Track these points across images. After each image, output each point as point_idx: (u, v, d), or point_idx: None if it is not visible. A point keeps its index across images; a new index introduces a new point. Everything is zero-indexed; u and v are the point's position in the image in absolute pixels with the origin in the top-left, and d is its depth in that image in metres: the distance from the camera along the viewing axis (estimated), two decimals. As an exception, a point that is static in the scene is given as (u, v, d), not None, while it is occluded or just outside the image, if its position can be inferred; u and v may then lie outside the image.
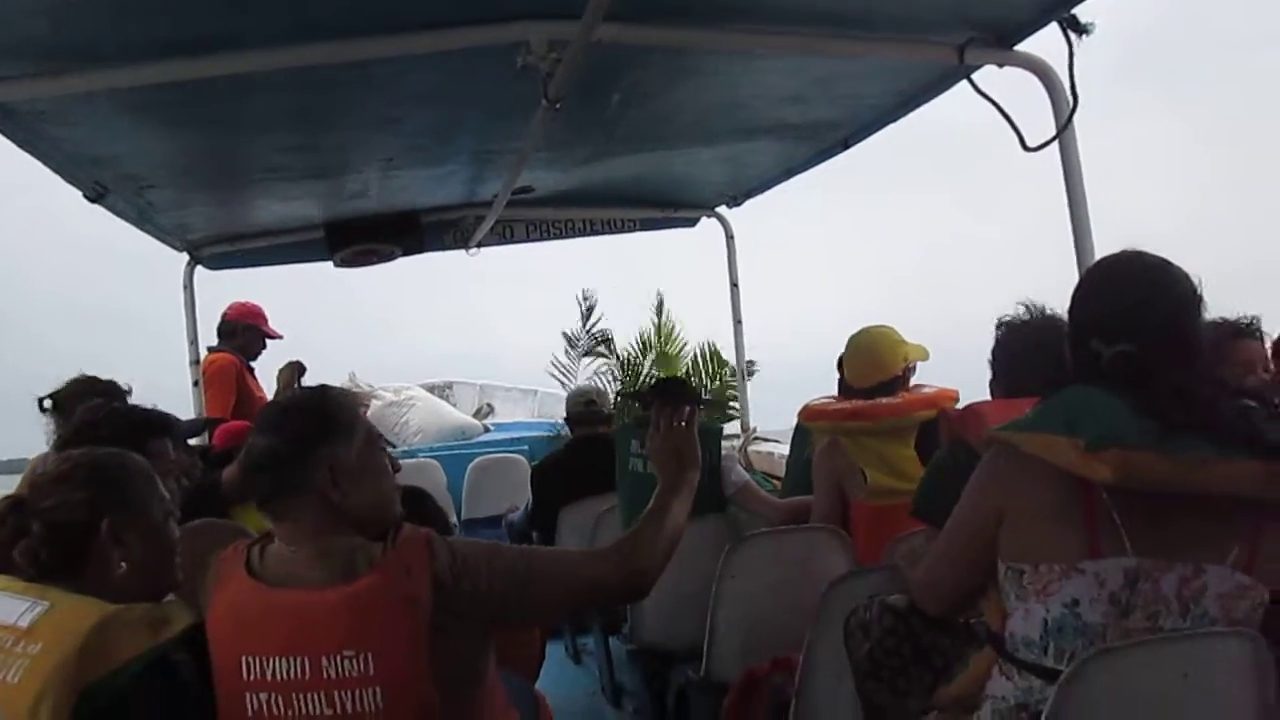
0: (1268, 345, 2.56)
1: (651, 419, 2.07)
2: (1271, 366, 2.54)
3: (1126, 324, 1.65)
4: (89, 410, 2.57)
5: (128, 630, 1.60)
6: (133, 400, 2.79)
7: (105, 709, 1.52)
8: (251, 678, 1.68)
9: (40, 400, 2.80)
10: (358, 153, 3.55)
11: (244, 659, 1.68)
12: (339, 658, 1.65)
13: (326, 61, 2.54)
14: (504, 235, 5.06)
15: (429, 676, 1.67)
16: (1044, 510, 1.62)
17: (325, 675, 1.65)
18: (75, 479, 1.76)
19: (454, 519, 5.85)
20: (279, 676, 1.67)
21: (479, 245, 5.00)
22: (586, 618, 4.20)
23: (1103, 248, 2.65)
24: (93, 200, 3.39)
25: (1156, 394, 1.54)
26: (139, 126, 3.01)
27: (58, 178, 3.21)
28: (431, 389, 8.22)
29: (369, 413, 7.15)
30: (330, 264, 4.90)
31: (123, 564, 1.74)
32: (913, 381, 3.16)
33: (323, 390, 1.95)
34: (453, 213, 4.76)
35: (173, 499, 1.90)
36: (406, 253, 4.90)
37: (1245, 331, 2.51)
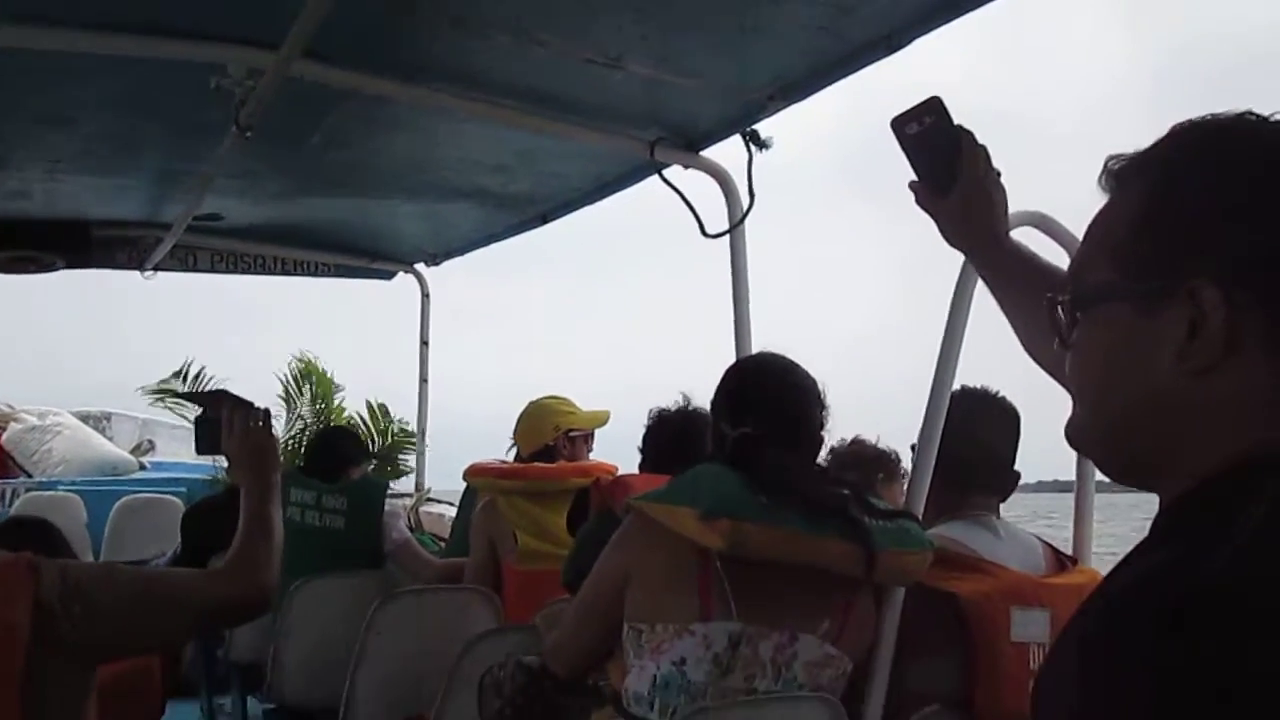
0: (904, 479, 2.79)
1: (224, 423, 2.02)
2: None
3: (749, 410, 1.83)
4: None
5: None
6: None
7: None
8: None
9: None
10: (20, 149, 3.26)
11: None
12: None
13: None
14: (186, 262, 4.76)
15: (18, 716, 1.53)
16: (666, 574, 1.73)
17: None
18: None
19: (90, 560, 5.34)
20: None
21: (156, 269, 4.69)
22: (225, 676, 3.96)
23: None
24: None
25: (765, 471, 1.71)
26: None
27: None
28: (85, 418, 7.52)
29: (5, 436, 6.50)
30: (-24, 267, 4.43)
31: None
32: (594, 453, 3.29)
33: None
34: (129, 230, 4.44)
35: None
36: (70, 266, 4.51)
37: (887, 466, 2.77)
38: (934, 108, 1.40)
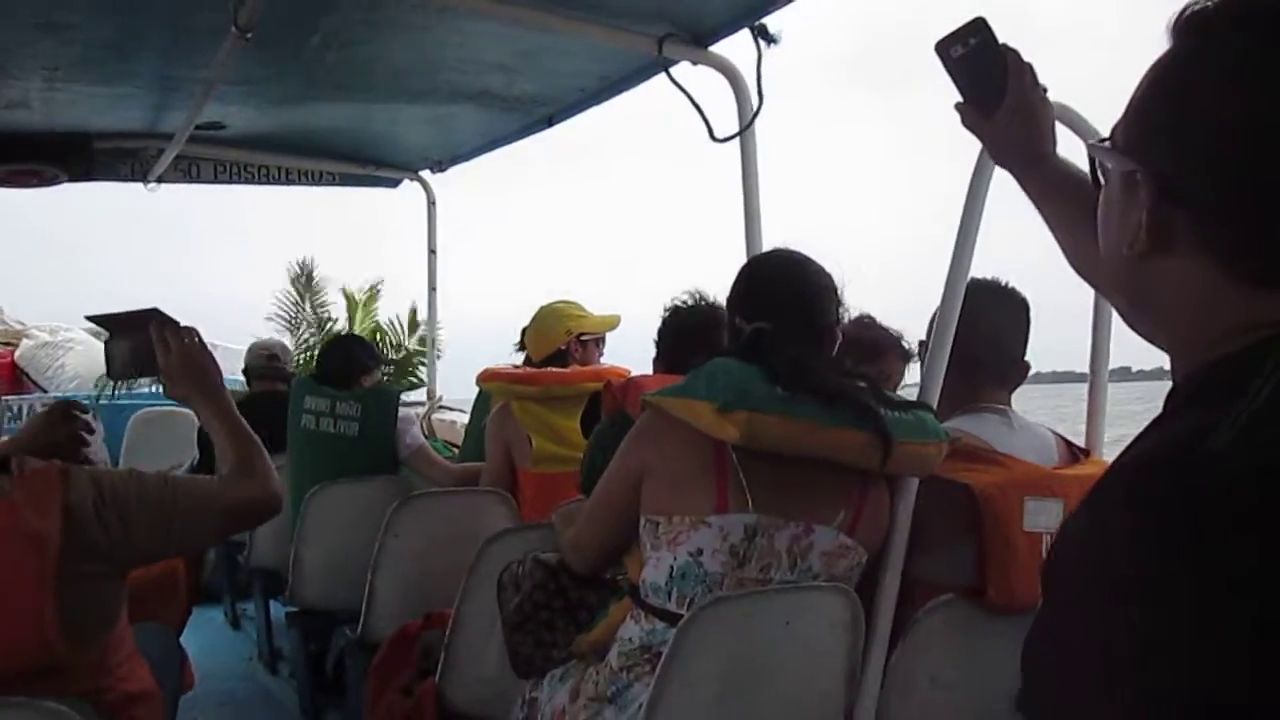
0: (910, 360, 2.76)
1: (156, 341, 2.00)
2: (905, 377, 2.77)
3: (764, 305, 1.83)
4: None
5: None
6: None
7: None
8: None
9: None
10: (16, 56, 3.19)
11: None
12: None
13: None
14: (189, 173, 4.72)
15: (54, 619, 1.56)
16: (682, 468, 1.75)
17: None
18: None
19: (109, 474, 5.40)
20: None
21: (159, 180, 4.64)
22: (247, 582, 4.03)
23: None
24: None
25: (781, 364, 1.71)
26: None
27: None
28: (97, 334, 7.56)
29: (18, 352, 6.52)
30: (-20, 181, 4.39)
31: None
32: (604, 358, 3.29)
33: None
34: (131, 141, 4.37)
35: None
36: (72, 179, 4.46)
37: (900, 352, 2.74)
38: (979, 28, 1.38)
